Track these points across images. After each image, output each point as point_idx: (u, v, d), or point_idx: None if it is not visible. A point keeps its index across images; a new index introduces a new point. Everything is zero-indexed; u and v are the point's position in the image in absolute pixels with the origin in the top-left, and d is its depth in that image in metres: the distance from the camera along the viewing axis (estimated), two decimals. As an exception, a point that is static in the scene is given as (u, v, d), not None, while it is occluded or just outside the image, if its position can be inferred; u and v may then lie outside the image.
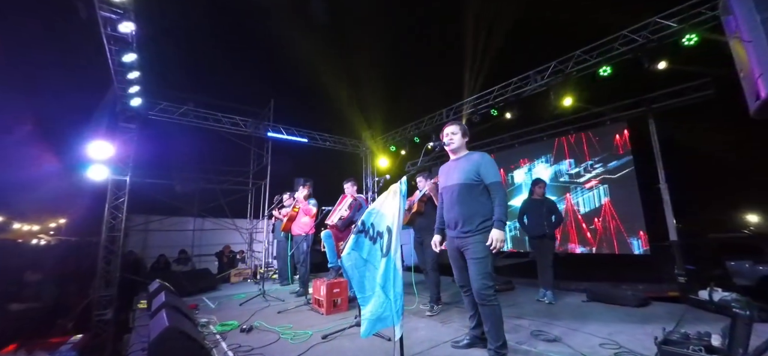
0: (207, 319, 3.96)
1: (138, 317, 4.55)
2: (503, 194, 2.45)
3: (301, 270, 5.19)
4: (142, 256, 8.41)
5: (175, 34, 11.62)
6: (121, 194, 6.42)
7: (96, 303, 5.86)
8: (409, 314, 3.89)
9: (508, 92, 6.60)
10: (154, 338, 2.51)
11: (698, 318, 3.42)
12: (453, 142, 2.72)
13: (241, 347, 3.03)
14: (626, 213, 6.21)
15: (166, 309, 2.95)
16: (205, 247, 9.49)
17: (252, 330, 3.54)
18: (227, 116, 8.12)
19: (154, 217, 8.78)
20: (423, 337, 3.14)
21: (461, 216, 2.53)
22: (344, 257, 2.46)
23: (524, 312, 3.91)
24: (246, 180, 9.74)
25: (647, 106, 6.03)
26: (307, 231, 5.20)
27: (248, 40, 14.69)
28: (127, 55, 5.34)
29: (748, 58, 1.63)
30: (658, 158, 5.79)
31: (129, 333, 4.41)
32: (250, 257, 8.97)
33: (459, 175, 2.60)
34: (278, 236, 6.22)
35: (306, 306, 4.47)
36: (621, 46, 5.09)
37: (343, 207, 4.49)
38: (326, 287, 4.11)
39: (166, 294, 3.65)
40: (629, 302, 3.90)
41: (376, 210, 2.47)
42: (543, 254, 4.52)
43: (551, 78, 5.89)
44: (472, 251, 2.44)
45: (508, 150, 8.62)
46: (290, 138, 8.95)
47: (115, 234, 6.26)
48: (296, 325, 3.63)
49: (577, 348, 2.69)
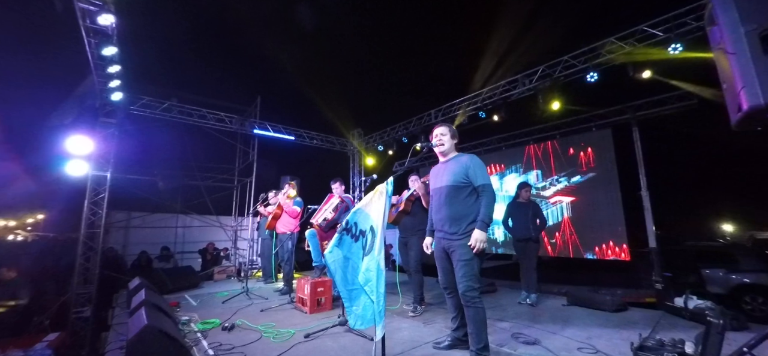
0: (188, 317, 3.89)
1: (117, 315, 4.45)
2: (491, 196, 2.46)
3: (285, 269, 5.16)
4: (123, 253, 8.22)
5: (157, 27, 11.37)
6: (102, 190, 6.25)
7: (74, 301, 5.70)
8: (393, 314, 3.90)
9: (496, 95, 6.68)
10: (132, 336, 2.46)
11: (673, 324, 3.52)
12: (443, 143, 2.73)
13: (223, 345, 2.99)
14: (606, 220, 6.37)
15: (146, 307, 2.89)
16: (188, 245, 9.34)
17: (234, 328, 3.49)
18: (212, 112, 8.00)
19: (136, 214, 8.59)
20: (405, 338, 3.16)
21: (448, 219, 2.54)
22: (327, 254, 2.49)
23: (506, 314, 3.96)
24: (231, 177, 9.63)
25: (632, 113, 6.18)
26: (292, 229, 5.17)
27: (233, 35, 14.47)
28: (107, 49, 5.18)
29: (731, 70, 1.64)
30: (641, 165, 5.93)
31: (107, 331, 4.31)
32: (234, 255, 8.85)
33: (448, 177, 2.61)
34: (263, 234, 6.16)
35: (290, 305, 4.44)
36: (607, 53, 5.20)
37: (328, 207, 4.46)
38: (310, 286, 4.09)
39: (145, 292, 3.58)
40: (608, 307, 3.98)
41: (361, 209, 2.49)
42: (527, 257, 4.59)
43: (539, 82, 5.98)
44: (459, 253, 2.46)
45: (496, 152, 8.73)
46: (277, 135, 8.87)
47: (95, 231, 6.10)
48: (279, 324, 3.60)
49: (555, 352, 2.74)
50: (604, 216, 6.41)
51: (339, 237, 2.52)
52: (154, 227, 8.82)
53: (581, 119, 6.98)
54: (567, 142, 7.24)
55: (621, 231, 6.15)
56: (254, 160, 8.69)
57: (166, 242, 8.79)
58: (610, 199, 6.35)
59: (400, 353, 2.79)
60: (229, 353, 2.84)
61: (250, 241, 8.92)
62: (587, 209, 6.67)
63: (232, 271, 7.39)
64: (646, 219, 5.77)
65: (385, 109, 14.18)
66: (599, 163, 6.65)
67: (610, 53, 5.15)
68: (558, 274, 6.60)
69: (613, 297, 4.11)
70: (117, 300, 5.34)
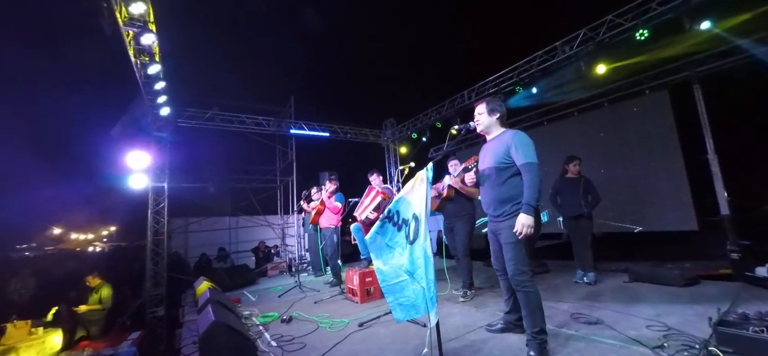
0: (249, 312, 4.16)
1: (186, 312, 4.86)
2: (534, 176, 2.28)
3: (332, 262, 5.32)
4: (185, 256, 8.94)
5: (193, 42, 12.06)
6: (161, 199, 6.82)
7: (149, 302, 6.33)
8: (442, 300, 3.90)
9: (533, 67, 6.32)
10: (202, 332, 2.68)
11: (755, 296, 3.19)
12: (479, 122, 2.62)
13: (284, 337, 3.16)
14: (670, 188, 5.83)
15: (212, 305, 3.13)
16: (241, 244, 9.95)
17: (292, 320, 3.68)
18: (250, 117, 8.37)
19: (192, 219, 9.28)
20: (458, 323, 3.14)
21: (493, 202, 2.47)
22: (368, 239, 2.50)
23: (562, 295, 3.80)
24: (274, 177, 10.04)
25: (692, 70, 5.57)
26: (335, 223, 5.31)
27: (262, 39, 15.00)
28: (152, 67, 5.58)
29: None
30: (706, 127, 5.35)
31: (180, 328, 4.72)
32: (283, 251, 9.29)
33: (490, 158, 2.50)
34: (308, 229, 6.39)
35: (340, 296, 4.59)
36: (659, 6, 4.70)
37: (371, 204, 4.47)
38: (359, 277, 4.19)
39: (210, 291, 3.88)
40: (676, 281, 3.68)
41: (403, 198, 2.48)
42: (580, 235, 4.36)
43: (581, 47, 5.57)
44: (505, 236, 2.38)
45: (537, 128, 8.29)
46: (312, 133, 9.10)
47: (160, 238, 6.68)
48: (333, 314, 3.74)
49: (622, 331, 2.58)
50: (665, 187, 5.87)
51: (381, 224, 2.52)
52: (210, 230, 9.49)
53: (631, 82, 6.40)
54: (616, 109, 6.68)
55: (686, 201, 5.61)
56: (293, 159, 9.00)
57: (222, 243, 9.44)
58: (671, 168, 5.80)
59: (454, 338, 2.78)
60: (291, 344, 3.00)
61: (297, 237, 9.30)
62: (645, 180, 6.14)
63: (284, 267, 7.77)
64: (716, 185, 5.21)
65: (416, 96, 14.04)
66: (656, 129, 6.07)
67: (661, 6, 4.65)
68: (614, 252, 6.19)
69: (681, 270, 3.80)
70: (185, 299, 5.82)
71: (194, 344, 3.28)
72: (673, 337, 2.39)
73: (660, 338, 2.39)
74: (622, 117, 6.54)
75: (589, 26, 5.45)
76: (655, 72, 6.01)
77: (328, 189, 5.42)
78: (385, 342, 2.84)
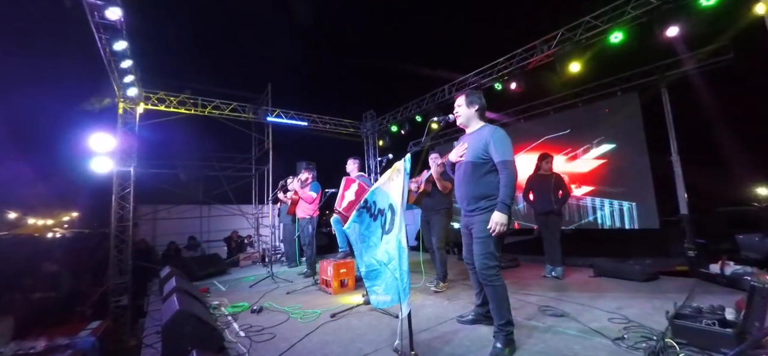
0: (218, 302, 4.03)
1: (151, 302, 4.65)
2: (510, 174, 2.28)
3: (307, 252, 5.25)
4: (153, 244, 8.57)
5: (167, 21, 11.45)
6: (127, 185, 6.46)
7: (112, 291, 6.02)
8: (416, 291, 3.92)
9: (513, 65, 6.41)
10: (166, 321, 2.56)
11: (708, 291, 3.39)
12: (459, 115, 2.59)
13: (253, 327, 3.08)
14: (635, 188, 6.11)
15: (177, 293, 3.00)
16: (213, 233, 9.65)
17: (262, 310, 3.59)
18: (225, 102, 8.07)
19: (161, 206, 8.89)
20: (430, 314, 3.17)
21: (468, 196, 2.47)
22: (347, 227, 2.48)
23: (531, 288, 3.91)
24: (249, 165, 9.77)
25: (660, 73, 5.82)
26: (312, 213, 5.22)
27: (240, 25, 14.47)
28: (117, 43, 5.24)
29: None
30: (671, 128, 5.62)
31: (144, 318, 4.52)
32: (257, 241, 9.08)
33: (468, 152, 2.49)
34: (284, 219, 6.26)
35: (314, 287, 4.53)
36: (633, 10, 4.86)
37: (349, 193, 4.42)
38: (333, 267, 4.14)
39: (176, 279, 3.72)
40: (637, 276, 3.87)
41: (379, 188, 2.45)
42: (550, 230, 4.48)
43: (559, 47, 5.69)
44: (476, 230, 2.39)
45: (514, 125, 8.45)
46: (290, 122, 8.88)
47: (125, 224, 6.35)
48: (305, 305, 3.69)
49: (585, 323, 2.68)
50: (631, 186, 6.16)
51: (358, 213, 2.49)
52: (180, 218, 9.15)
53: (604, 84, 6.63)
54: (590, 110, 6.92)
55: (650, 199, 5.90)
56: (270, 148, 8.77)
57: (192, 232, 9.11)
58: (638, 167, 6.07)
59: (426, 329, 2.80)
60: (260, 334, 2.92)
61: (271, 228, 9.11)
62: (612, 178, 6.41)
63: (257, 257, 7.59)
64: (677, 185, 5.50)
65: (397, 89, 13.98)
66: (625, 129, 6.33)
67: (635, 10, 4.81)
68: (580, 247, 6.44)
69: (642, 266, 4.00)
70: (150, 288, 5.59)
71: (157, 334, 3.14)
72: (632, 329, 2.50)
73: (621, 330, 2.49)
74: (595, 117, 6.78)
75: (568, 26, 5.58)
76: (627, 75, 6.25)
77: (300, 178, 5.32)
78: (358, 332, 2.82)
